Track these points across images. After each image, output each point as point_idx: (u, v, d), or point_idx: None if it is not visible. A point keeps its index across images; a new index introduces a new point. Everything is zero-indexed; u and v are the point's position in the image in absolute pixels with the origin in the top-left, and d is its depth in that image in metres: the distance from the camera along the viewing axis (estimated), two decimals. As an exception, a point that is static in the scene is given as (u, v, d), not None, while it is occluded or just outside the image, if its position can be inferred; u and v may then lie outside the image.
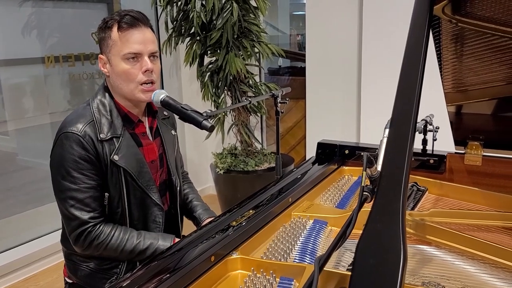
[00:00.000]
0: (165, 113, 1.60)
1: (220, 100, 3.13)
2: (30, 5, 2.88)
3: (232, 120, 3.34)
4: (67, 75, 3.13)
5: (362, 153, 1.68)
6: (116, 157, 1.37)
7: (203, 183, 4.01)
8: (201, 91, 3.20)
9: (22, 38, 2.86)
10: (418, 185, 1.53)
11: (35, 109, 3.02)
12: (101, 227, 1.38)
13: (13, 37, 2.82)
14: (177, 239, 1.45)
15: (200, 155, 3.94)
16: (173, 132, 1.62)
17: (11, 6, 2.80)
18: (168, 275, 0.93)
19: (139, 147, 1.45)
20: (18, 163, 3.01)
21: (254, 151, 3.42)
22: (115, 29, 1.37)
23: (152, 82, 1.40)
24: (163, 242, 1.41)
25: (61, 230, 1.52)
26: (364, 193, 0.77)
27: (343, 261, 1.08)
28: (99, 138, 1.36)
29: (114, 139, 1.39)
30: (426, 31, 0.82)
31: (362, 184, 0.77)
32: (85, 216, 1.36)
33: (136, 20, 1.37)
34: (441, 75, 1.36)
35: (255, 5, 3.05)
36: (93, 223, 1.37)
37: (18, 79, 2.91)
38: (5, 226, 2.83)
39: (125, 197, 1.42)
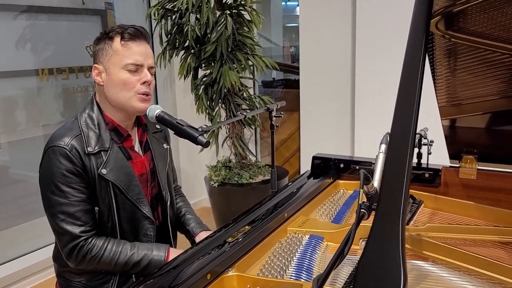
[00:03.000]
0: (157, 126, 1.59)
1: (214, 113, 3.13)
2: (24, 18, 2.88)
3: (226, 133, 3.34)
4: (61, 87, 3.12)
5: (357, 167, 1.68)
6: (104, 171, 1.36)
7: (197, 196, 3.99)
8: (195, 104, 3.20)
9: (16, 51, 2.85)
10: (413, 198, 1.53)
11: (29, 121, 3.00)
12: (93, 241, 1.37)
13: (7, 50, 2.81)
14: (171, 249, 1.43)
15: (194, 167, 3.93)
16: (165, 145, 1.61)
17: (5, 19, 2.79)
18: (163, 293, 0.92)
19: (128, 161, 1.44)
20: (10, 176, 2.98)
21: (249, 163, 3.42)
22: (117, 39, 1.38)
23: (147, 94, 1.41)
24: (158, 252, 1.40)
25: (52, 246, 1.49)
26: (361, 210, 0.77)
27: (340, 276, 1.07)
28: (86, 152, 1.35)
29: (102, 152, 1.38)
30: (423, 49, 0.83)
31: (359, 202, 0.77)
32: (76, 230, 1.34)
33: (140, 33, 1.40)
34: (435, 89, 1.37)
35: (249, 18, 3.07)
36: (85, 237, 1.35)
37: (11, 91, 2.89)
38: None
39: (115, 211, 1.40)
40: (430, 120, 1.62)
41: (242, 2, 3.01)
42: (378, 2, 2.81)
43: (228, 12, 2.97)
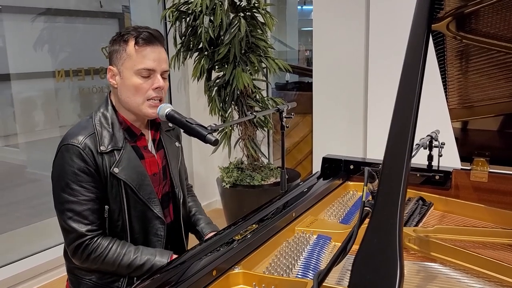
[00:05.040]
0: (169, 124, 1.60)
1: (227, 115, 3.15)
2: (42, 20, 2.94)
3: (239, 135, 3.36)
4: (77, 89, 3.17)
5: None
6: (116, 170, 1.38)
7: (210, 197, 4.00)
8: (209, 106, 3.23)
9: (34, 53, 2.91)
10: (423, 200, 1.52)
11: (45, 122, 3.06)
12: (98, 240, 1.38)
13: (25, 52, 2.88)
14: (174, 256, 1.43)
15: (206, 169, 3.95)
16: (177, 144, 1.63)
17: (23, 22, 2.86)
18: (169, 288, 0.93)
19: (141, 160, 1.46)
20: (26, 176, 3.04)
21: (261, 165, 3.43)
22: (131, 43, 1.39)
23: (160, 100, 1.42)
24: (160, 258, 1.40)
25: (63, 244, 1.52)
26: (365, 208, 0.77)
27: (346, 277, 1.07)
28: (99, 151, 1.37)
29: (114, 151, 1.40)
30: (424, 50, 0.83)
31: (363, 199, 0.77)
32: (82, 228, 1.36)
33: (153, 37, 1.40)
34: (445, 91, 1.36)
35: (262, 21, 3.08)
36: (90, 236, 1.37)
37: (29, 92, 2.96)
38: (12, 238, 2.85)
39: (126, 210, 1.42)
40: (441, 122, 1.61)
41: (256, 5, 3.03)
42: (391, 6, 2.80)
43: (241, 14, 3.00)
